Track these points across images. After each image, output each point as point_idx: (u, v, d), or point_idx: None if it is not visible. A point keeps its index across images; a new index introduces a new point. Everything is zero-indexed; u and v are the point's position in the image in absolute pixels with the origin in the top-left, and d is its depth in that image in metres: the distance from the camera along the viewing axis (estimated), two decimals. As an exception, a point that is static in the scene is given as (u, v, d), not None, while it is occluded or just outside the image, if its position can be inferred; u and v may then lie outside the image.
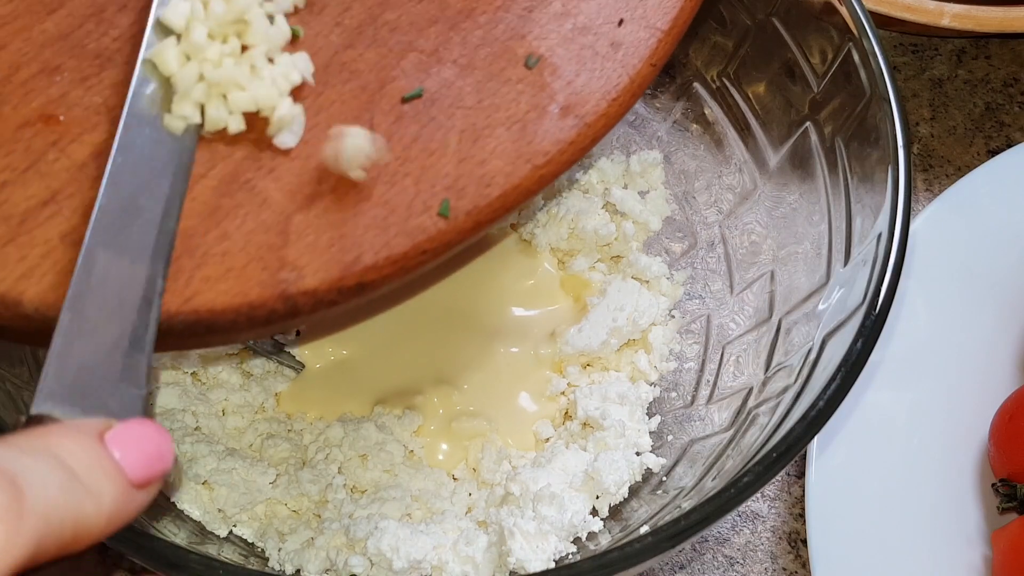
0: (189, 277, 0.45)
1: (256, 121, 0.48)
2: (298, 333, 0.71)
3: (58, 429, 0.37)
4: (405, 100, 0.50)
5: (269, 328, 0.46)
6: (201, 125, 0.47)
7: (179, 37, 0.47)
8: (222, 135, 0.47)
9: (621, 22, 0.54)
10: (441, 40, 0.52)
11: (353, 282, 0.46)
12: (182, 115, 0.46)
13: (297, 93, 0.49)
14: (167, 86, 0.46)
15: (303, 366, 0.71)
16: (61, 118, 0.46)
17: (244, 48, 0.47)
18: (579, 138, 0.52)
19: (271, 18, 0.49)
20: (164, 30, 0.47)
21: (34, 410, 0.39)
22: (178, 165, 0.45)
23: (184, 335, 0.46)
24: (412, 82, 0.51)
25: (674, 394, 0.71)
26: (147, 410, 0.42)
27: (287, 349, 0.71)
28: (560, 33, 0.53)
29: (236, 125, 0.47)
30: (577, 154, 0.52)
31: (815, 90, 0.65)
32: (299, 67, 0.49)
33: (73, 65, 0.48)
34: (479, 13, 0.53)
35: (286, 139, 0.48)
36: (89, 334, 0.41)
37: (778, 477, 0.70)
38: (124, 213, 0.44)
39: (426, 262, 0.49)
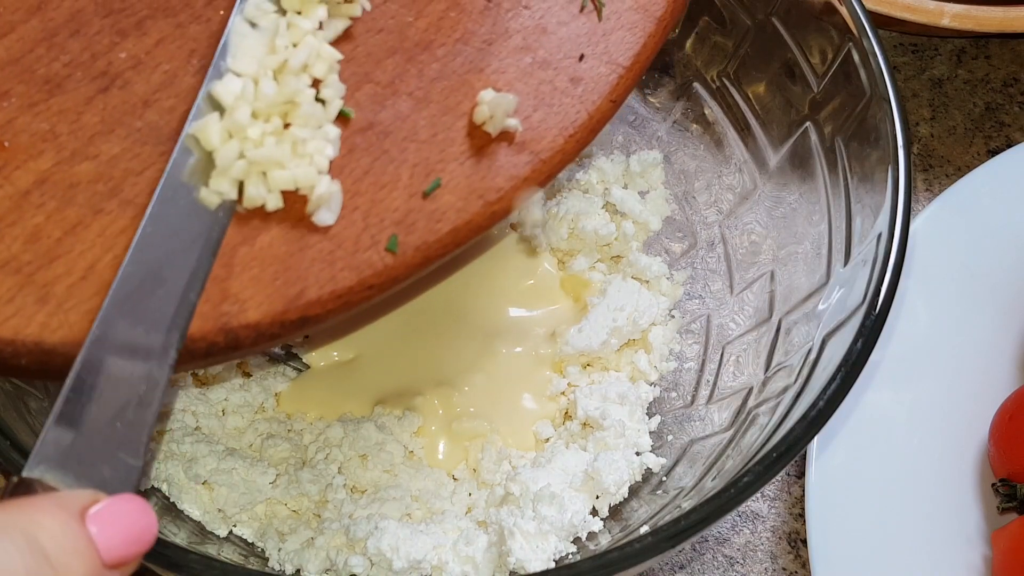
0: None
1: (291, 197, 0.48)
2: (306, 337, 0.71)
3: (41, 504, 0.36)
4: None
5: (208, 361, 0.46)
6: (237, 201, 0.46)
7: (223, 112, 0.46)
8: (257, 211, 0.47)
9: (582, 57, 0.53)
10: (398, 72, 0.51)
11: (296, 316, 0.46)
12: (219, 191, 0.45)
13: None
14: (207, 160, 0.46)
15: (308, 367, 0.71)
16: (6, 144, 0.46)
17: (286, 125, 0.47)
18: (533, 174, 0.51)
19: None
20: (213, 103, 0.46)
21: (25, 473, 0.38)
22: (207, 239, 0.45)
23: None
24: (366, 114, 0.50)
25: (674, 394, 0.71)
26: (141, 481, 0.41)
27: (295, 353, 0.71)
28: (519, 67, 0.53)
29: (274, 203, 0.46)
30: (532, 189, 0.52)
31: (815, 90, 0.65)
32: (332, 141, 0.48)
33: (21, 91, 0.47)
34: (437, 45, 0.52)
35: (324, 216, 0.47)
36: (95, 401, 0.40)
37: (778, 477, 0.70)
38: (147, 282, 0.43)
39: (372, 297, 0.48)
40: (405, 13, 0.52)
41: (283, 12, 0.48)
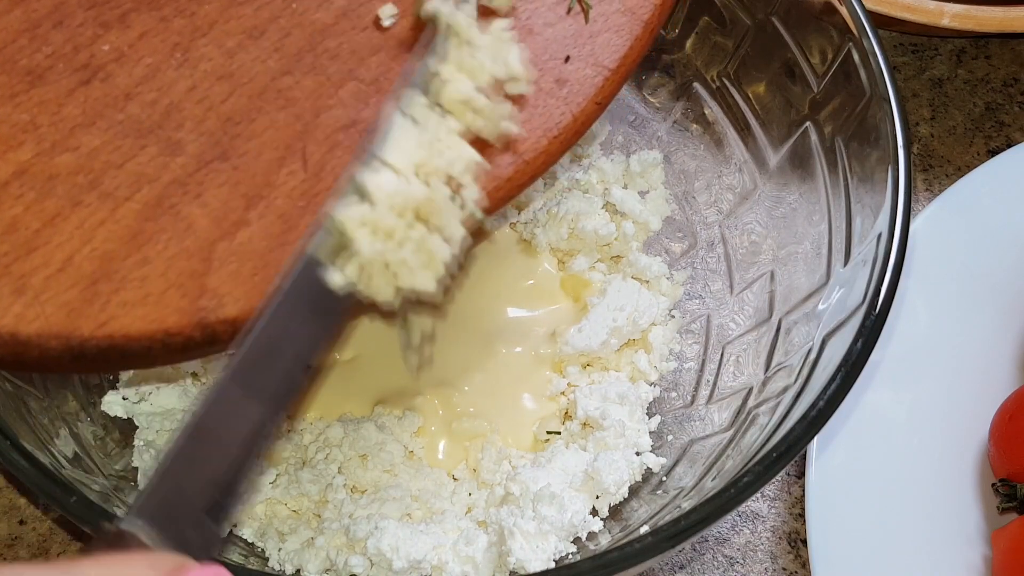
0: (105, 302, 0.44)
1: None
2: None
3: (137, 563, 0.37)
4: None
5: (186, 355, 0.46)
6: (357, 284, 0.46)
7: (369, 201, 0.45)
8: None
9: (568, 59, 0.53)
10: (382, 70, 0.51)
11: None
12: (349, 276, 0.44)
13: (231, 120, 0.48)
14: (340, 242, 0.45)
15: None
16: None
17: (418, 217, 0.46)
18: (516, 175, 0.51)
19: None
20: (359, 188, 0.46)
21: (124, 525, 0.39)
22: (326, 318, 0.45)
23: (97, 360, 0.45)
24: (349, 112, 0.50)
25: (674, 394, 0.71)
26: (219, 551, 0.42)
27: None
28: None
29: (388, 297, 0.46)
30: (514, 191, 0.51)
31: (815, 90, 0.65)
32: (457, 242, 0.47)
33: (2, 81, 0.47)
34: (421, 45, 0.51)
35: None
36: (198, 464, 0.41)
37: (778, 477, 0.70)
38: (267, 355, 0.43)
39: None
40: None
41: (437, 108, 0.48)
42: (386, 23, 0.52)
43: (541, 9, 0.53)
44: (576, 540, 0.62)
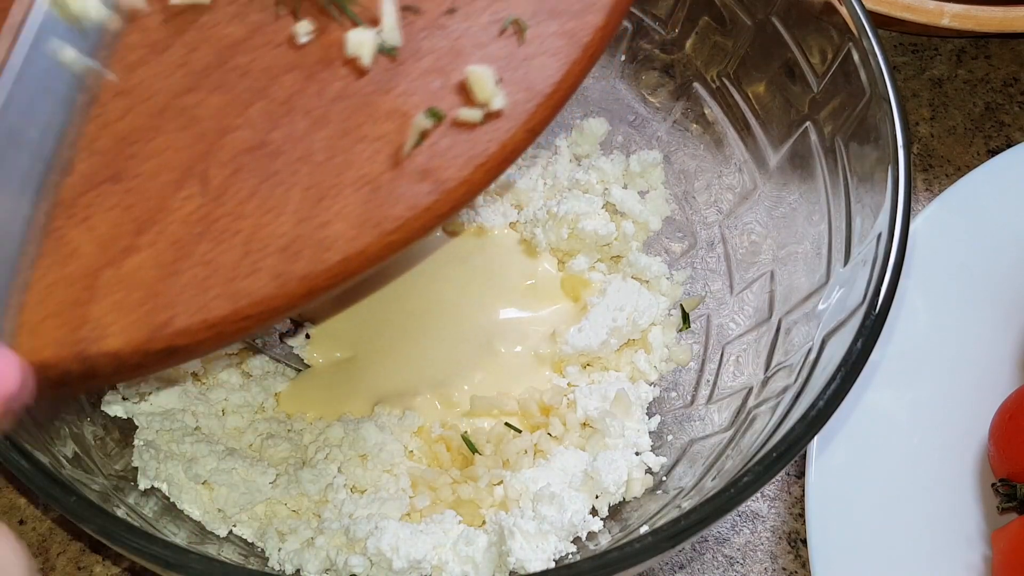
0: None
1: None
2: (308, 336, 0.71)
3: None
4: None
5: (64, 390, 0.44)
6: (98, 76, 0.45)
7: None
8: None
9: (499, 82, 0.49)
10: (296, 89, 0.48)
11: (161, 346, 0.43)
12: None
13: (126, 139, 0.46)
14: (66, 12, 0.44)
15: (309, 367, 0.71)
16: None
17: None
18: (436, 205, 0.48)
19: None
20: None
21: None
22: (71, 102, 0.44)
23: None
24: (257, 132, 0.47)
25: (674, 394, 0.71)
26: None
27: (296, 352, 0.71)
28: (429, 90, 0.49)
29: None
30: (433, 221, 0.48)
31: (815, 90, 0.65)
32: None
33: None
34: (341, 64, 0.49)
35: None
36: None
37: (778, 477, 0.70)
38: (6, 144, 0.42)
39: (250, 328, 0.45)
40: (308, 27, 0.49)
41: None
42: (302, 40, 0.49)
43: (472, 29, 0.50)
44: (576, 540, 0.62)
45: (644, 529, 0.59)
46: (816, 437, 0.65)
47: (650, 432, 0.68)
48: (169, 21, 0.48)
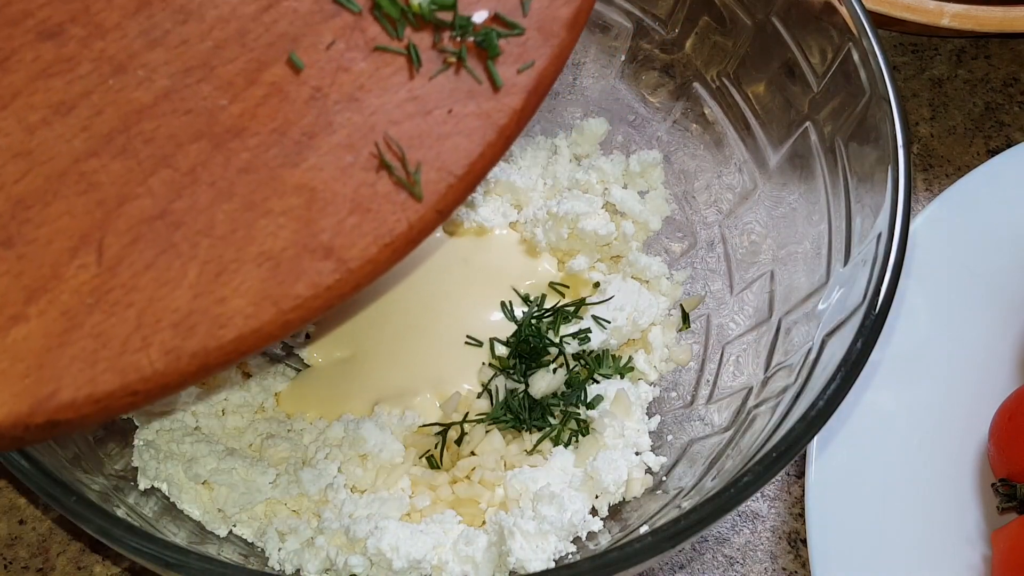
0: None
1: None
2: (307, 336, 0.71)
3: None
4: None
5: None
6: None
7: None
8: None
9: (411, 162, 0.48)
10: (201, 159, 0.47)
11: (43, 419, 0.42)
12: None
13: (22, 202, 0.45)
14: None
15: (308, 367, 0.71)
16: None
17: None
18: (338, 284, 0.47)
19: None
20: None
21: None
22: None
23: None
24: (159, 202, 0.46)
25: (674, 394, 0.71)
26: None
27: (296, 352, 0.71)
28: (339, 166, 0.48)
29: None
30: (335, 300, 0.47)
31: (815, 90, 0.65)
32: None
33: None
34: (250, 134, 0.47)
35: None
36: None
37: (778, 477, 0.70)
38: None
39: (138, 403, 0.44)
40: (219, 96, 0.48)
41: None
42: (213, 108, 0.47)
43: (388, 106, 0.49)
44: (576, 540, 0.62)
45: (644, 529, 0.59)
46: (816, 437, 0.65)
47: (650, 432, 0.68)
48: (74, 82, 0.47)
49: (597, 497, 0.64)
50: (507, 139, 0.51)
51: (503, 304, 0.71)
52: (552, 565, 0.60)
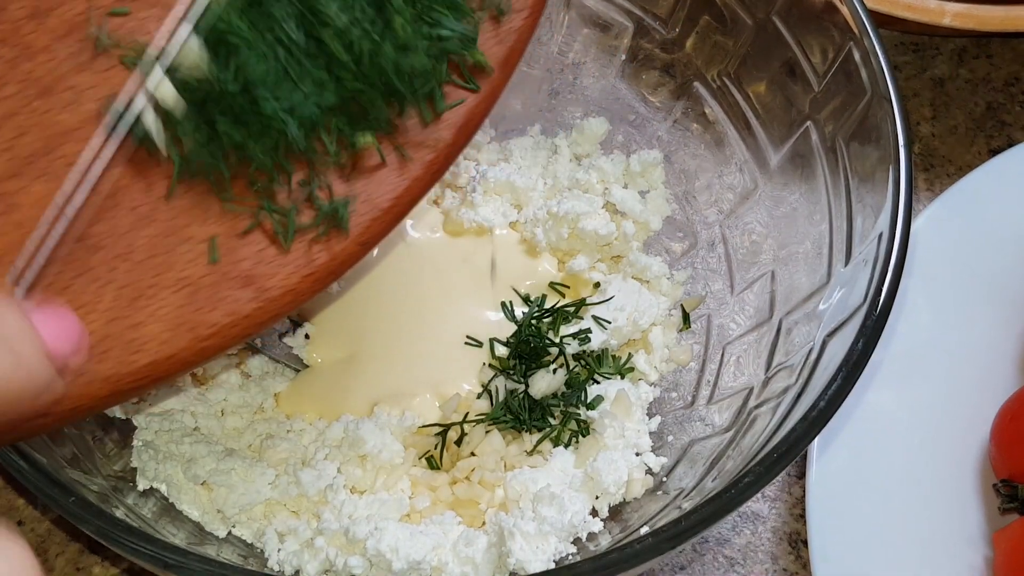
0: None
1: None
2: (307, 336, 0.71)
3: None
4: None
5: None
6: None
7: None
8: None
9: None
10: (124, 183, 0.46)
11: None
12: None
13: None
14: None
15: (308, 367, 0.70)
16: None
17: None
18: (256, 313, 0.47)
19: None
20: None
21: None
22: None
23: None
24: (79, 224, 0.45)
25: (674, 394, 0.70)
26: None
27: (295, 352, 0.70)
28: (266, 192, 0.48)
29: None
30: (252, 328, 0.47)
31: (816, 89, 0.65)
32: None
33: None
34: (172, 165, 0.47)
35: None
36: None
37: (779, 478, 0.70)
38: None
39: (48, 426, 0.44)
40: None
41: None
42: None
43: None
44: (576, 541, 0.62)
45: (644, 530, 0.59)
46: (817, 438, 0.65)
47: (650, 432, 0.68)
48: None
49: (597, 498, 0.64)
50: (434, 174, 0.51)
51: (503, 304, 0.71)
52: (552, 566, 0.60)
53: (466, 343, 0.70)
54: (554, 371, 0.68)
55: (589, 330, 0.69)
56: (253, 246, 0.47)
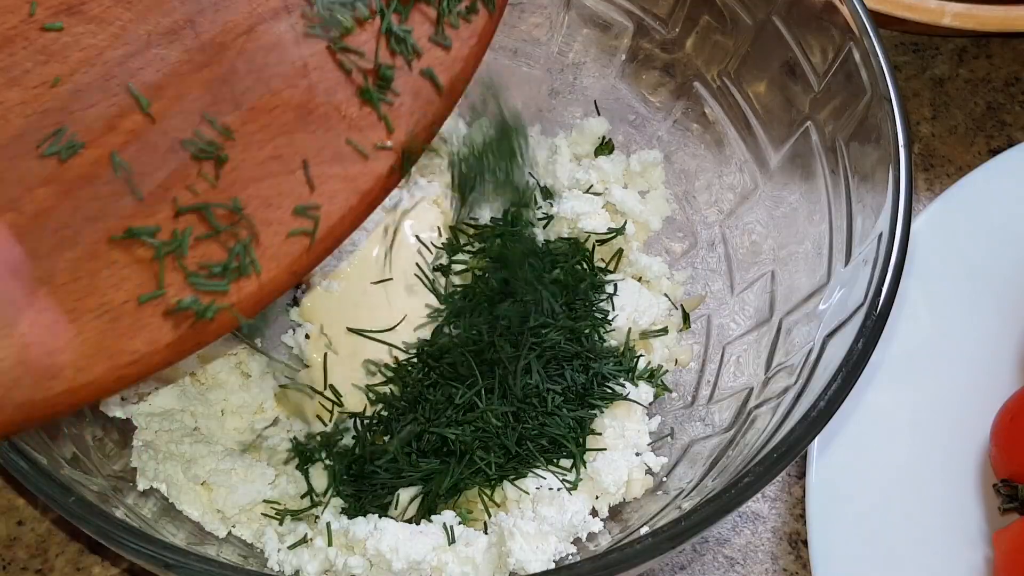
0: None
1: None
2: (308, 336, 0.71)
3: None
4: None
5: None
6: None
7: None
8: None
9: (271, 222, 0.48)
10: (48, 204, 0.45)
11: None
12: None
13: None
14: None
15: (308, 367, 0.70)
16: None
17: None
18: (178, 341, 0.46)
19: None
20: None
21: None
22: None
23: None
24: None
25: (674, 394, 0.70)
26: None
27: (295, 352, 0.70)
28: (192, 219, 0.47)
29: None
30: (174, 356, 0.46)
31: (816, 89, 0.65)
32: None
33: None
34: (103, 182, 0.46)
35: None
36: None
37: (779, 478, 0.70)
38: None
39: None
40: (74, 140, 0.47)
41: None
42: (65, 156, 0.46)
43: (248, 162, 0.48)
44: (576, 541, 0.62)
45: (644, 530, 0.59)
46: (817, 438, 0.65)
47: (650, 432, 0.68)
48: None
49: (597, 498, 0.64)
50: (370, 204, 0.50)
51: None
52: (552, 566, 0.60)
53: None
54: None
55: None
56: (178, 273, 0.46)
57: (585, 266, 0.71)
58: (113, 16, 0.47)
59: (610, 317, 0.69)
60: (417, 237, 0.71)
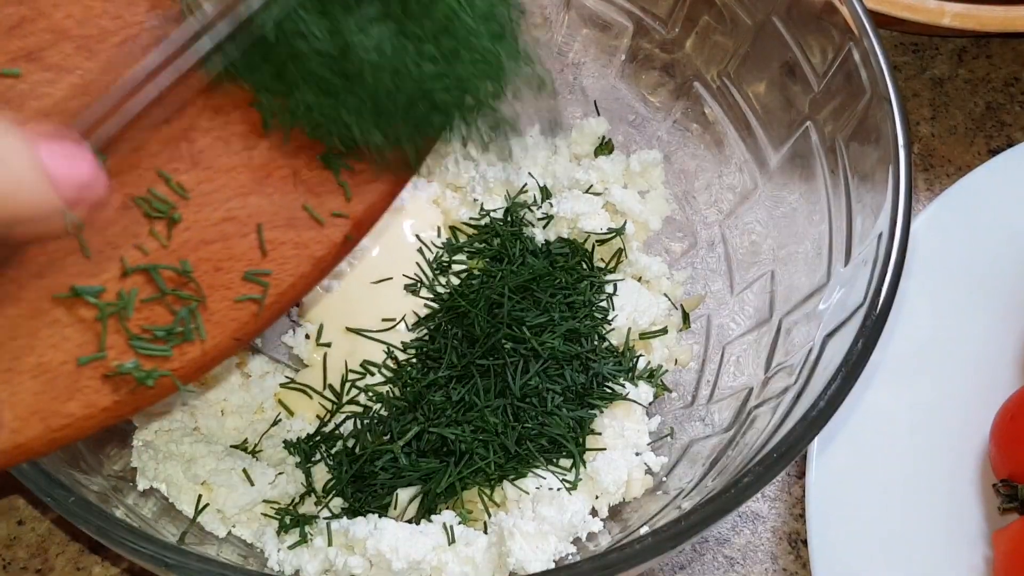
0: None
1: None
2: (308, 336, 0.71)
3: None
4: None
5: None
6: None
7: None
8: None
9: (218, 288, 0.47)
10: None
11: None
12: None
13: None
14: None
15: (308, 367, 0.70)
16: None
17: None
18: (115, 406, 0.45)
19: None
20: None
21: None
22: None
23: None
24: None
25: (674, 394, 0.70)
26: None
27: (296, 352, 0.70)
28: (137, 280, 0.46)
29: None
30: (109, 420, 0.45)
31: (815, 89, 0.65)
32: None
33: None
34: (49, 241, 0.45)
35: None
36: None
37: (778, 477, 0.70)
38: None
39: None
40: None
41: None
42: None
43: (201, 223, 0.47)
44: (576, 540, 0.62)
45: (644, 530, 0.59)
46: (817, 438, 0.65)
47: (650, 432, 0.68)
48: None
49: (597, 498, 0.64)
50: (322, 271, 0.49)
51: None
52: (552, 566, 0.60)
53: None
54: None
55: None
56: (120, 335, 0.46)
57: (585, 266, 0.71)
58: (73, 64, 0.46)
59: (610, 317, 0.69)
60: (417, 237, 0.71)
